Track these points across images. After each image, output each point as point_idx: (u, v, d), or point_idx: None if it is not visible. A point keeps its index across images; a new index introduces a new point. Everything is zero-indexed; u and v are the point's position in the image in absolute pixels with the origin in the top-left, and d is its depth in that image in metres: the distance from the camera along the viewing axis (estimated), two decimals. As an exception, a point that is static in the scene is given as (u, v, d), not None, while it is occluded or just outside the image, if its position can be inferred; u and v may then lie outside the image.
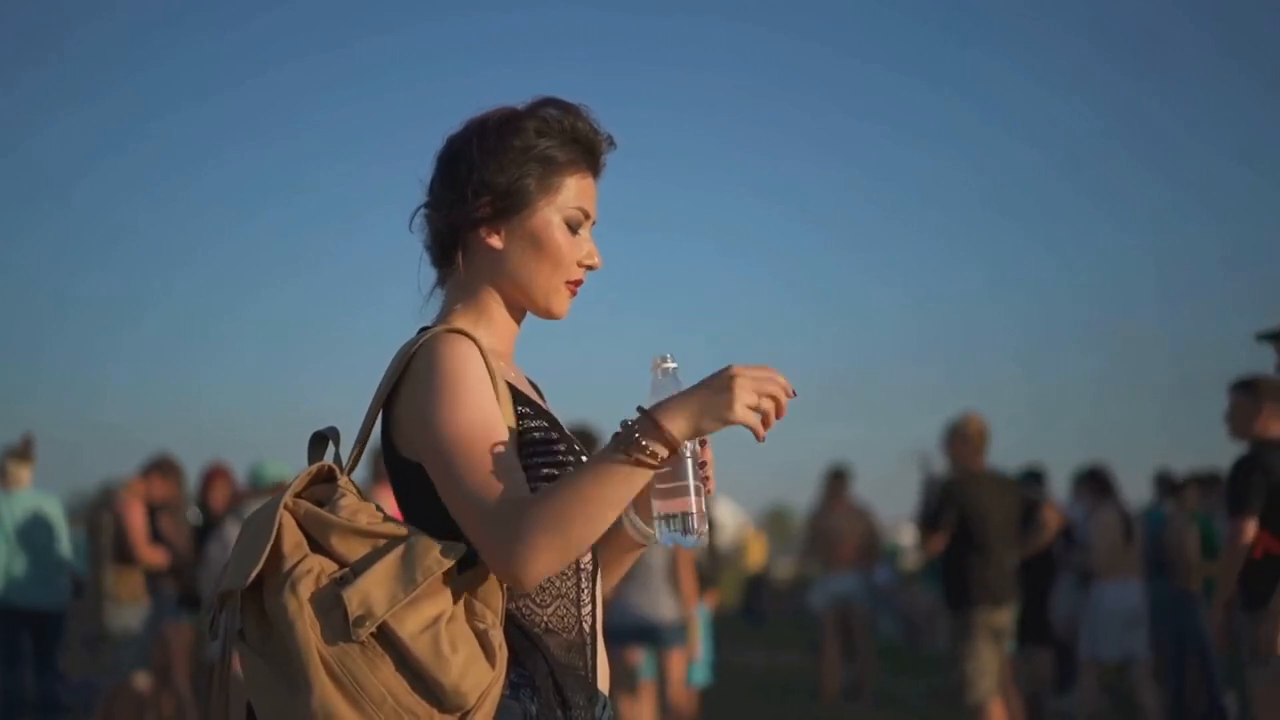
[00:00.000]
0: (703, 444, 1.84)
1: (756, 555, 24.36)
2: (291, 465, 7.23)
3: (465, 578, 1.77)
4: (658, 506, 1.82)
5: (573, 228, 1.94)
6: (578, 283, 1.96)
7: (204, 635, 7.93)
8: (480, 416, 1.79)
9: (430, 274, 2.00)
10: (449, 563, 1.73)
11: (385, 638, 1.70)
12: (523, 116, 1.92)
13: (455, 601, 1.75)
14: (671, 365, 1.86)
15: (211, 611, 1.79)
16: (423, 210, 1.98)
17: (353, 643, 1.69)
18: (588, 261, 1.95)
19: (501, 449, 1.77)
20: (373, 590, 1.70)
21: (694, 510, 1.82)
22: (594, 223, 1.98)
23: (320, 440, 1.87)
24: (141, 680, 7.78)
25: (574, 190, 1.93)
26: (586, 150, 1.95)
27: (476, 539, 1.74)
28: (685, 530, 1.83)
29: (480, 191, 1.90)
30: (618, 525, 1.97)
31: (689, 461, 1.82)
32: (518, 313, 1.98)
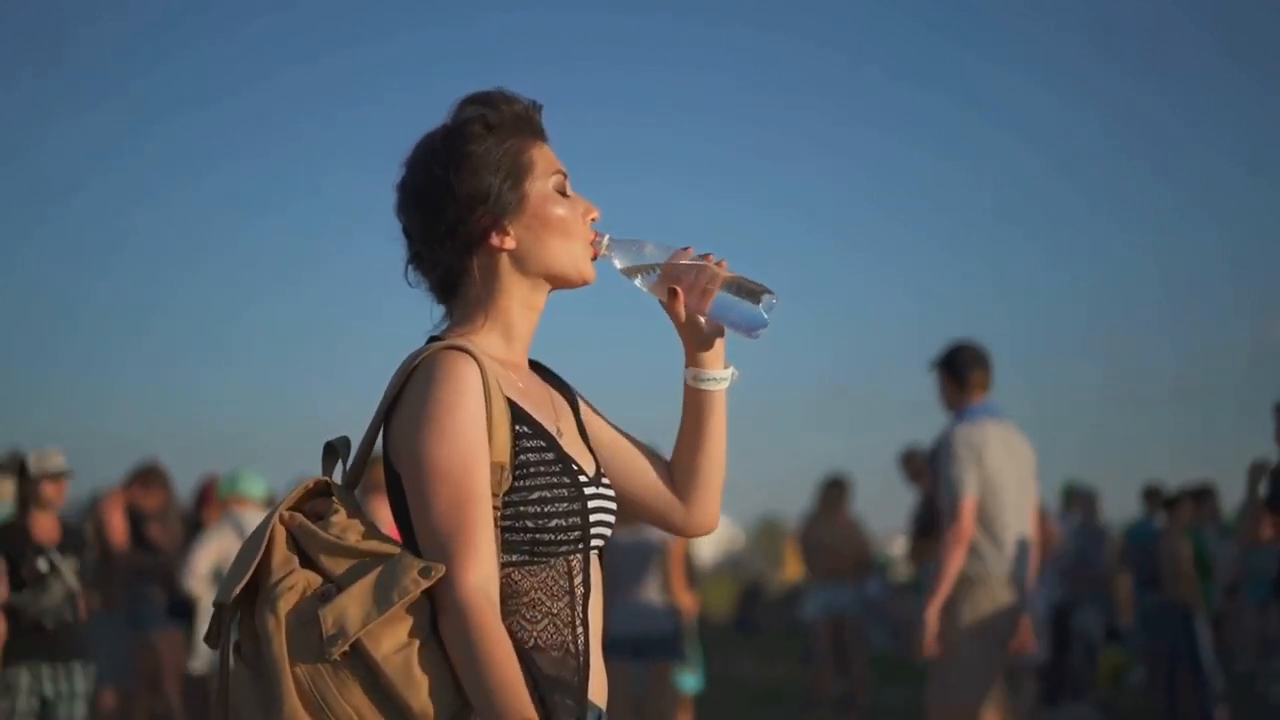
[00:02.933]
0: (685, 249, 1.99)
1: (795, 569, 23.49)
2: (295, 474, 7.22)
3: None
4: (716, 298, 1.97)
5: (561, 192, 1.96)
6: (593, 237, 1.98)
7: (192, 644, 7.92)
8: (461, 450, 1.78)
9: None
10: (426, 583, 1.71)
11: (359, 658, 1.69)
12: (463, 124, 1.94)
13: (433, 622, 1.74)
14: (606, 239, 1.99)
15: (211, 621, 1.79)
16: (413, 261, 1.96)
17: (326, 662, 1.68)
18: (590, 215, 1.98)
19: (473, 490, 1.77)
20: (349, 608, 1.69)
21: (740, 274, 1.98)
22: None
23: (332, 451, 1.87)
24: (118, 691, 7.76)
25: (542, 160, 1.96)
26: (529, 124, 1.97)
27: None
28: (755, 295, 1.96)
29: (472, 205, 1.90)
30: (689, 398, 2.06)
31: (696, 262, 1.97)
32: (535, 310, 1.97)
